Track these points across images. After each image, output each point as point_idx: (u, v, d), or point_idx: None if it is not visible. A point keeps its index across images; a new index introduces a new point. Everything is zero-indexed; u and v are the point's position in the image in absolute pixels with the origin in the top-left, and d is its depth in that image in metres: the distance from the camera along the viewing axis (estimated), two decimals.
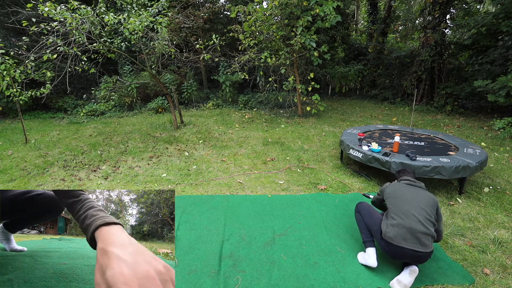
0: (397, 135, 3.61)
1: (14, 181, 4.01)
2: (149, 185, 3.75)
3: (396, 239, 1.94)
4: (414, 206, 2.01)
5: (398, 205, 2.06)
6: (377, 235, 2.11)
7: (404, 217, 1.98)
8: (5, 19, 8.14)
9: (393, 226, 1.99)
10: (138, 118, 8.38)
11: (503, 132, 5.51)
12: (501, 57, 6.66)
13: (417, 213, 1.98)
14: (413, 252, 1.90)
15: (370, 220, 2.23)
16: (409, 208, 2.01)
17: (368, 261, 2.14)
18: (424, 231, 1.92)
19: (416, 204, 2.02)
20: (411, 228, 1.93)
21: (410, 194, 2.11)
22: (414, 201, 2.04)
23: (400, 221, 1.98)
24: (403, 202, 2.06)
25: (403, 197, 2.10)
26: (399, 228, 1.96)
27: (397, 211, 2.04)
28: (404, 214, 1.99)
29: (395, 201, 2.10)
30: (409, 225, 1.94)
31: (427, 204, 2.03)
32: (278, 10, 6.45)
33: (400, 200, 2.08)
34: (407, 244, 1.91)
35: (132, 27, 4.86)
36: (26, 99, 5.34)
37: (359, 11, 16.21)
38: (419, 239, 1.91)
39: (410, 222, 1.95)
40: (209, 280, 2.06)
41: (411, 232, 1.92)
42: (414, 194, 2.11)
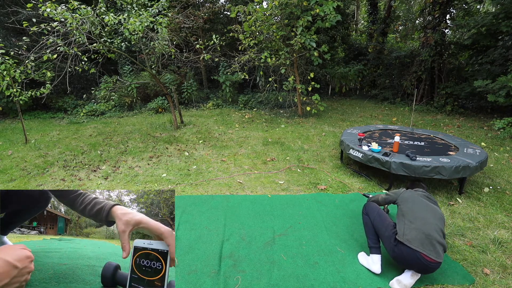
0: (397, 135, 3.61)
1: (14, 181, 4.01)
2: (149, 185, 3.75)
3: (415, 242, 1.89)
4: (431, 216, 2.00)
5: (417, 211, 2.04)
6: (389, 240, 2.04)
7: (423, 222, 1.96)
8: (5, 19, 8.14)
9: (411, 229, 1.95)
10: (138, 118, 8.38)
11: (503, 132, 5.51)
12: (501, 57, 6.66)
13: (434, 223, 1.97)
14: (425, 259, 1.86)
15: (381, 224, 2.15)
16: (427, 217, 2.00)
17: (372, 267, 2.12)
18: (440, 241, 1.91)
19: (432, 215, 2.02)
20: (429, 235, 1.90)
21: (427, 205, 2.10)
22: (430, 212, 2.04)
23: (419, 226, 1.94)
24: (421, 209, 2.05)
25: (421, 205, 2.09)
26: (418, 232, 1.92)
27: (415, 216, 2.01)
28: (423, 220, 1.97)
29: (413, 206, 2.08)
30: (428, 231, 1.91)
31: (441, 218, 2.04)
32: (278, 10, 6.45)
33: (418, 207, 2.07)
34: (424, 250, 1.86)
35: (132, 27, 4.86)
36: (26, 99, 5.34)
37: (359, 11, 16.21)
38: (435, 247, 1.88)
39: (428, 228, 1.93)
40: (209, 280, 2.06)
41: (429, 238, 1.89)
42: (430, 206, 2.10)
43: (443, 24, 8.25)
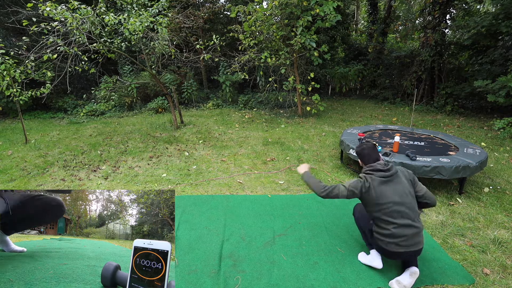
0: (397, 135, 3.61)
1: (14, 181, 4.01)
2: (149, 185, 3.75)
3: (397, 248, 1.89)
4: (399, 204, 1.90)
5: (384, 210, 1.91)
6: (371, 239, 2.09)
7: (395, 224, 1.88)
8: (5, 19, 8.14)
9: (389, 237, 1.90)
10: (138, 118, 8.38)
11: (503, 132, 5.51)
12: (501, 57, 6.67)
13: (404, 212, 1.89)
14: (412, 252, 1.91)
15: (364, 223, 2.20)
16: (396, 208, 1.89)
17: (373, 263, 2.13)
18: (417, 231, 1.89)
19: (400, 202, 1.90)
20: (406, 235, 1.87)
21: (390, 190, 1.94)
22: (398, 196, 1.91)
23: (394, 231, 1.88)
24: (387, 205, 1.91)
25: (386, 198, 1.92)
26: (395, 238, 1.88)
27: (386, 218, 1.91)
28: (394, 219, 1.89)
29: (379, 207, 1.94)
30: (403, 233, 1.87)
31: (409, 193, 1.95)
32: (278, 10, 6.45)
33: (384, 203, 1.92)
34: (407, 249, 1.88)
35: (132, 27, 4.86)
36: (26, 99, 5.34)
37: (359, 11, 16.21)
38: (414, 239, 1.89)
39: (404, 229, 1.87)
40: (209, 280, 2.06)
41: (406, 238, 1.87)
42: (393, 188, 1.95)
43: (443, 24, 8.25)
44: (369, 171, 2.03)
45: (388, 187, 1.95)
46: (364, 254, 2.27)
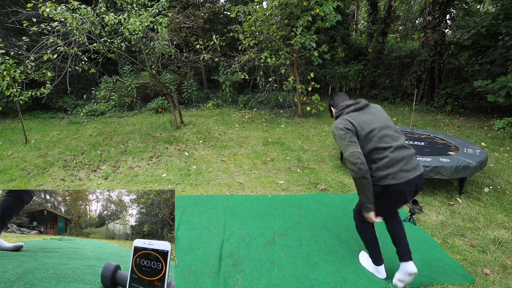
0: None
1: (14, 181, 4.01)
2: (149, 185, 3.75)
3: (399, 179, 1.67)
4: (386, 128, 1.77)
5: (374, 138, 1.73)
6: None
7: (391, 148, 1.71)
8: (5, 19, 8.14)
9: (389, 167, 1.69)
10: (138, 118, 8.38)
11: (503, 132, 5.51)
12: (501, 57, 6.66)
13: (394, 135, 1.76)
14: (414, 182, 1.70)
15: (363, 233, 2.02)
16: (384, 132, 1.75)
17: (378, 275, 2.06)
18: (413, 153, 1.76)
19: (385, 125, 1.78)
20: (405, 157, 1.71)
21: (370, 117, 1.80)
22: (380, 121, 1.79)
23: (392, 155, 1.70)
24: (374, 132, 1.74)
25: (370, 125, 1.76)
26: (396, 164, 1.69)
27: (379, 145, 1.72)
28: (387, 143, 1.72)
29: (369, 137, 1.74)
30: (402, 155, 1.71)
31: (389, 119, 1.85)
32: (278, 10, 6.45)
33: (371, 131, 1.74)
34: (410, 174, 1.68)
35: (132, 27, 4.86)
36: (26, 99, 5.34)
37: (359, 11, 16.21)
38: (414, 161, 1.73)
39: (400, 150, 1.72)
40: (209, 280, 2.06)
41: (406, 161, 1.70)
42: (372, 115, 1.82)
43: (443, 24, 8.25)
44: (340, 110, 1.90)
45: (366, 115, 1.81)
46: (366, 254, 2.22)
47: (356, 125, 1.76)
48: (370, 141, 1.74)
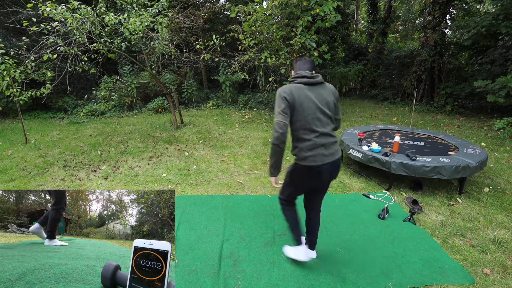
0: (397, 135, 3.61)
1: (14, 181, 4.01)
2: (149, 185, 3.75)
3: (315, 161, 1.82)
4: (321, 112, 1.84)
5: (307, 118, 1.82)
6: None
7: (317, 133, 1.82)
8: (5, 19, 8.14)
9: (309, 149, 1.82)
10: (138, 118, 8.38)
11: (503, 132, 5.51)
12: (501, 57, 6.67)
13: (325, 121, 1.85)
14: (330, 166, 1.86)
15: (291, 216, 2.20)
16: (317, 115, 1.83)
17: (299, 257, 2.16)
18: (335, 141, 1.89)
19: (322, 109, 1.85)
20: (325, 144, 1.84)
21: (315, 96, 1.86)
22: (321, 103, 1.85)
23: (316, 140, 1.82)
24: (308, 111, 1.82)
25: (309, 104, 1.83)
26: (316, 148, 1.82)
27: (309, 126, 1.82)
28: (316, 127, 1.82)
29: (301, 114, 1.83)
30: (323, 142, 1.84)
31: (330, 103, 1.89)
32: (278, 10, 6.45)
33: (306, 110, 1.82)
34: (327, 159, 1.84)
35: (132, 27, 4.86)
36: (26, 99, 5.34)
37: (359, 11, 16.21)
38: (333, 147, 1.87)
39: (324, 137, 1.84)
40: (209, 280, 2.06)
41: (325, 147, 1.84)
42: (319, 95, 1.87)
43: (443, 24, 8.25)
44: (294, 78, 1.94)
45: (312, 92, 1.86)
46: (290, 247, 2.27)
47: (296, 100, 1.82)
48: (302, 120, 1.84)
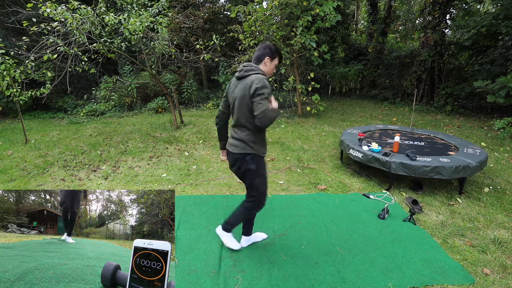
0: (397, 135, 3.61)
1: (14, 181, 4.01)
2: (149, 185, 3.75)
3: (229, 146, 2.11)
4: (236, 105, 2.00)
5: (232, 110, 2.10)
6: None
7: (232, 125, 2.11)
8: (5, 19, 8.14)
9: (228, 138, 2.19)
10: (138, 118, 8.39)
11: (503, 132, 5.52)
12: (501, 57, 6.67)
13: (236, 111, 2.02)
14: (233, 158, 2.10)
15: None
16: (235, 111, 2.04)
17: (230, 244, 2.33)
18: (237, 137, 2.08)
19: (237, 102, 1.97)
20: (231, 137, 2.13)
21: (235, 92, 2.01)
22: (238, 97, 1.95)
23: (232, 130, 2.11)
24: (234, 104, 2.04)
25: (231, 98, 2.06)
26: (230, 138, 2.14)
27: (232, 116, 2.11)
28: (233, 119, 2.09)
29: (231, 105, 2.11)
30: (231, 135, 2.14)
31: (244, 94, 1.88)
32: (278, 10, 6.45)
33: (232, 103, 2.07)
34: (231, 149, 2.10)
35: (132, 27, 4.86)
36: (26, 99, 5.34)
37: (359, 11, 16.21)
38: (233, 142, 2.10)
39: (233, 130, 2.12)
40: (209, 280, 2.06)
41: (230, 140, 2.14)
42: (237, 89, 1.98)
43: (443, 24, 8.26)
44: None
45: (236, 86, 2.02)
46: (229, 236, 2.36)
47: (229, 92, 2.09)
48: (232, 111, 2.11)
